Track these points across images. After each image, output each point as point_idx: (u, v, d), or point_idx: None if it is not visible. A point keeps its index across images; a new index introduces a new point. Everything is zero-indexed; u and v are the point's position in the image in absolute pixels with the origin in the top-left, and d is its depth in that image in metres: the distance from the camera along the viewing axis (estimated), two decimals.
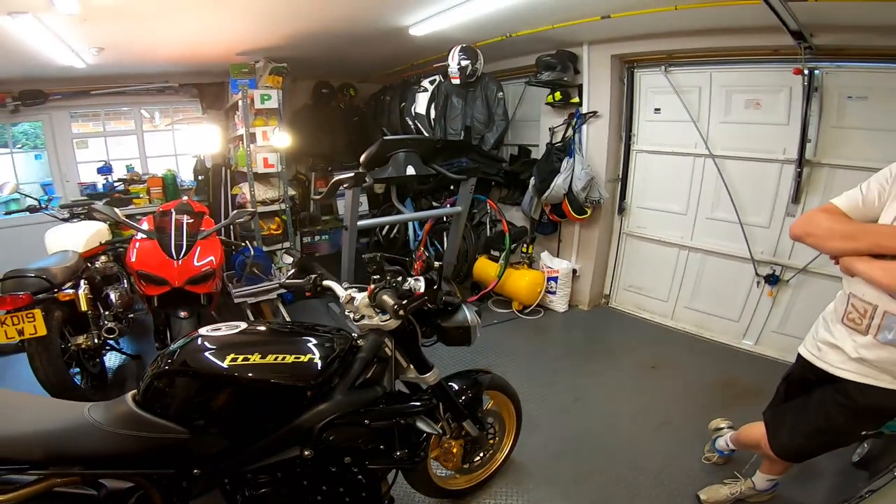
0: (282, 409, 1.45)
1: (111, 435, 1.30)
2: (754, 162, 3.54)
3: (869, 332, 1.32)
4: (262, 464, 1.45)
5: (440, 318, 1.80)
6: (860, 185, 1.43)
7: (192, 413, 1.37)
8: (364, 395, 1.57)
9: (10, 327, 2.47)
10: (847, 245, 1.35)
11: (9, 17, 2.69)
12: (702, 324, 3.99)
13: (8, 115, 4.63)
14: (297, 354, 1.45)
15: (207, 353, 1.41)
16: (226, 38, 3.79)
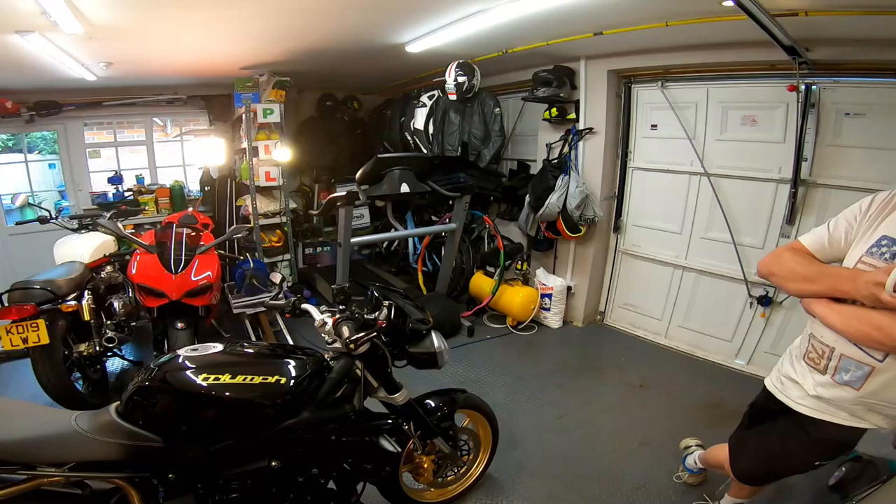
0: (250, 423, 1.56)
1: (94, 441, 1.44)
2: (749, 181, 3.49)
3: (827, 373, 1.34)
4: (233, 472, 1.56)
5: (408, 344, 1.89)
6: (829, 222, 1.42)
7: (167, 424, 1.50)
8: (332, 412, 1.68)
9: (16, 335, 2.64)
10: (806, 287, 1.36)
11: (17, 35, 2.81)
12: (695, 343, 3.93)
13: (23, 125, 4.80)
14: (266, 375, 1.57)
15: (183, 372, 1.56)
16: (230, 54, 3.89)
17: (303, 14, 2.91)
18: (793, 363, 1.50)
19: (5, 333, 2.64)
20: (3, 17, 2.50)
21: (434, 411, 2.09)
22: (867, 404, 1.30)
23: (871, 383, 1.26)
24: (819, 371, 1.37)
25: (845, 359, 1.29)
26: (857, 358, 1.27)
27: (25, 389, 3.07)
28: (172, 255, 3.14)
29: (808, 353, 1.42)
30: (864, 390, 1.27)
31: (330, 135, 5.77)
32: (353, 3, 2.75)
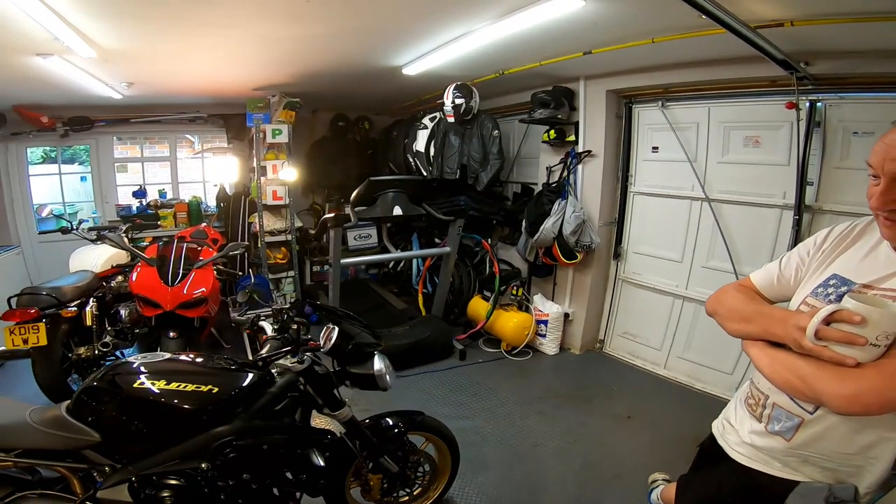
0: (180, 427, 1.66)
1: (40, 432, 1.57)
2: (752, 207, 3.32)
3: (762, 421, 1.25)
4: (165, 470, 1.64)
5: (350, 364, 1.96)
6: (781, 258, 1.32)
7: (105, 422, 1.61)
8: (267, 423, 1.76)
9: (18, 336, 2.88)
10: (742, 328, 1.26)
11: (39, 57, 3.06)
12: (694, 374, 3.70)
13: (58, 139, 5.19)
14: (199, 384, 1.68)
15: (124, 376, 1.69)
16: (239, 76, 4.08)
17: (292, 41, 3.03)
18: (735, 407, 1.41)
19: (9, 334, 2.87)
20: (22, 41, 2.71)
21: (386, 431, 2.12)
22: (800, 456, 1.17)
23: (801, 435, 1.15)
24: (756, 418, 1.27)
25: (777, 408, 1.19)
26: (788, 408, 1.17)
27: (29, 387, 3.19)
28: (171, 268, 3.28)
29: (748, 398, 1.32)
30: (794, 441, 1.16)
31: (341, 155, 5.92)
32: (341, 30, 2.83)
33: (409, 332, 4.11)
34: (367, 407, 3.15)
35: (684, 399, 3.52)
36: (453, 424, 2.96)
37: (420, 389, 3.63)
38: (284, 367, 1.79)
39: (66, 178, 5.67)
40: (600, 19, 2.53)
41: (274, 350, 1.79)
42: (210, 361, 1.92)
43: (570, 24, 2.57)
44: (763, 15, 2.24)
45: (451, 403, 3.41)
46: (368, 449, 2.02)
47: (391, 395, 3.41)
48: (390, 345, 3.89)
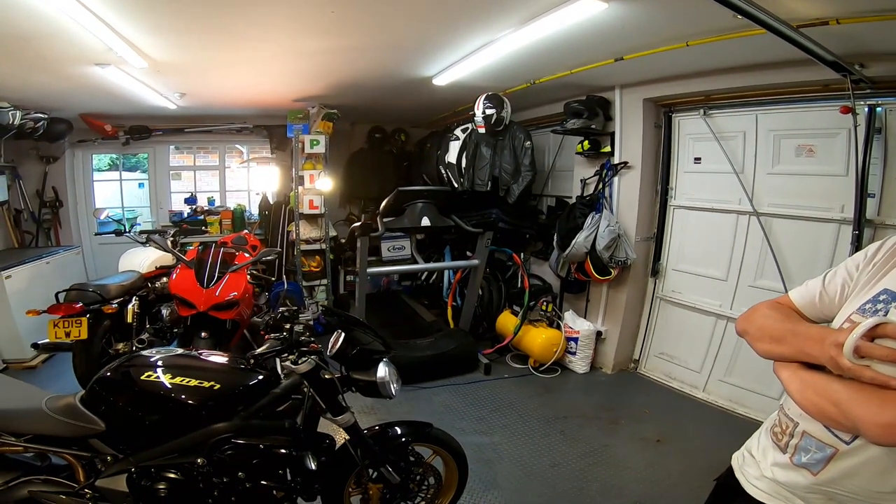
0: (181, 420, 1.69)
1: (51, 419, 1.64)
2: (805, 221, 3.05)
3: (787, 451, 1.09)
4: (162, 462, 1.68)
5: (355, 370, 1.93)
6: (825, 274, 1.15)
7: (113, 412, 1.66)
8: (267, 423, 1.78)
9: (61, 329, 3.06)
10: (774, 349, 1.11)
11: (98, 67, 3.31)
12: (736, 399, 3.42)
13: (120, 147, 5.60)
14: (202, 380, 1.71)
15: (137, 368, 1.74)
16: (281, 87, 4.25)
17: (323, 54, 3.12)
18: (759, 436, 1.24)
19: (52, 326, 3.04)
20: (81, 51, 2.94)
21: (391, 440, 2.07)
22: (826, 493, 1.02)
23: (831, 469, 1.00)
24: (780, 448, 1.12)
25: (807, 437, 1.04)
26: (820, 437, 1.01)
27: (72, 378, 3.37)
28: (207, 271, 3.39)
29: (775, 426, 1.17)
30: (821, 476, 1.01)
31: (377, 166, 6.02)
32: (367, 43, 2.90)
33: (434, 344, 4.05)
34: (384, 416, 3.12)
35: (723, 424, 3.26)
36: (469, 439, 2.91)
37: (441, 402, 3.55)
38: (289, 369, 1.80)
39: (125, 184, 6.09)
40: (627, 23, 2.44)
41: (271, 348, 1.79)
42: (220, 359, 1.95)
43: (595, 29, 2.50)
44: (804, 13, 2.08)
45: (471, 418, 3.31)
46: (370, 457, 1.97)
47: (409, 405, 3.44)
48: (414, 356, 3.88)
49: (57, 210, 5.44)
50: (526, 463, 2.80)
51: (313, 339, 1.88)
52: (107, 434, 1.66)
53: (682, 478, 2.66)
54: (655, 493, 2.54)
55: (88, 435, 1.66)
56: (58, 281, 3.96)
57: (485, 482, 2.57)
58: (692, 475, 2.64)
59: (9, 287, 3.85)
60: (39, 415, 1.64)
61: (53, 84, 3.65)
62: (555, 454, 2.89)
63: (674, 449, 2.96)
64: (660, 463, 2.82)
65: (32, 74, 3.36)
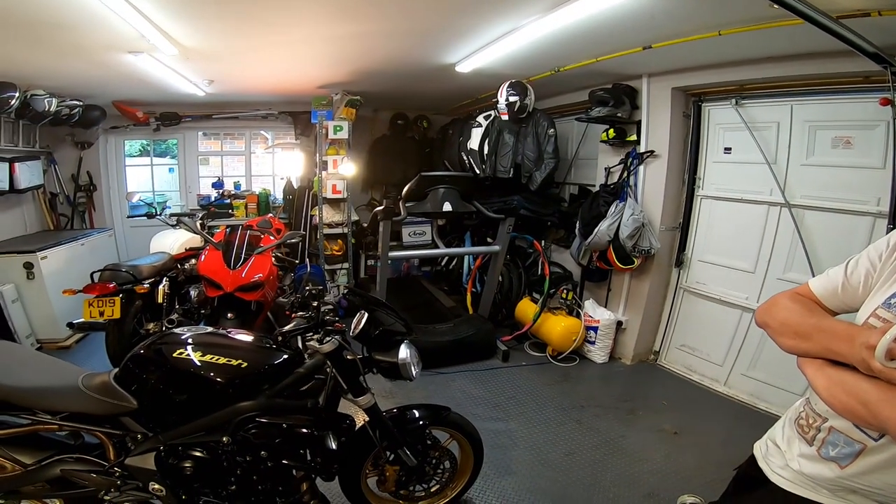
0: (209, 398, 1.71)
1: (86, 397, 1.67)
2: (839, 214, 2.96)
3: (813, 444, 1.10)
4: (189, 440, 1.71)
5: (377, 351, 1.95)
6: (847, 262, 1.13)
7: (144, 389, 1.70)
8: (290, 402, 1.79)
9: (95, 308, 3.18)
10: (799, 345, 1.10)
11: (131, 55, 3.39)
12: (758, 393, 3.37)
13: (151, 133, 5.75)
14: (230, 358, 1.73)
15: (164, 347, 1.76)
16: (306, 73, 4.27)
17: (348, 39, 3.12)
18: (784, 426, 1.24)
19: (87, 306, 3.16)
20: (116, 39, 3.00)
21: (409, 423, 2.10)
22: (849, 486, 1.03)
23: (858, 464, 1.00)
24: (806, 441, 1.12)
25: (835, 432, 1.05)
26: (848, 433, 1.02)
27: (102, 358, 3.48)
28: (234, 252, 3.47)
29: (800, 418, 1.16)
30: (848, 470, 1.02)
31: (400, 153, 6.03)
32: (392, 27, 2.88)
33: (453, 330, 4.09)
34: (402, 400, 3.19)
35: (743, 418, 3.23)
36: (485, 425, 2.95)
37: (458, 388, 3.60)
38: (314, 348, 1.82)
39: (156, 169, 6.25)
40: (657, 12, 2.37)
41: (298, 326, 1.80)
42: (247, 338, 1.97)
43: (623, 17, 2.44)
44: (845, 4, 1.99)
45: (487, 404, 3.34)
46: (388, 439, 2.00)
47: (427, 390, 3.50)
48: (432, 341, 3.92)
49: (91, 194, 5.64)
50: (541, 450, 2.82)
51: (338, 318, 1.89)
52: (138, 412, 1.68)
53: (698, 470, 2.65)
54: (669, 484, 2.54)
55: (121, 413, 1.68)
56: (91, 262, 4.09)
57: (499, 468, 2.61)
58: (708, 468, 2.63)
59: (45, 268, 4.01)
60: (76, 392, 1.67)
61: (88, 71, 3.74)
62: (570, 443, 2.90)
63: (691, 442, 2.95)
64: (676, 455, 2.81)
65: (69, 62, 3.45)
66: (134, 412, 1.68)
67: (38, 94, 4.12)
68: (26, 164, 4.64)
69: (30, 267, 3.96)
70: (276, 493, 1.83)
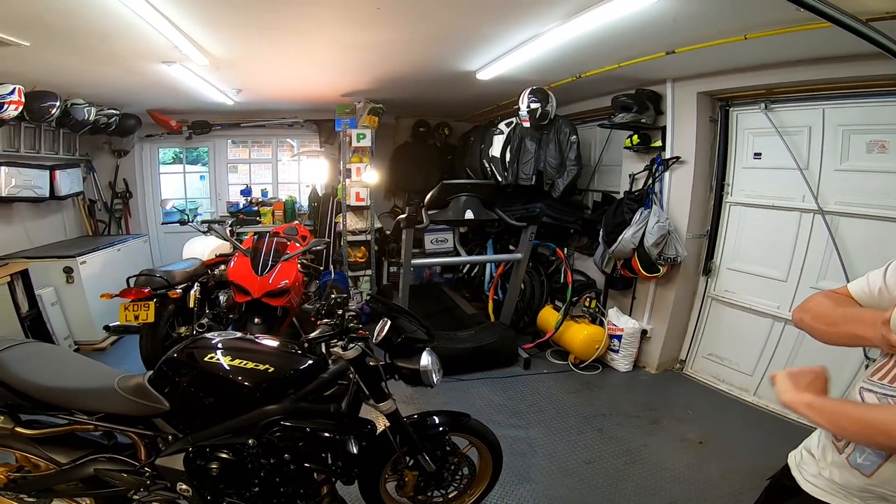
0: (237, 401, 1.76)
1: (122, 398, 1.73)
2: (875, 221, 2.85)
3: (843, 452, 1.10)
4: (216, 442, 1.76)
5: (399, 358, 1.97)
6: (887, 266, 1.12)
7: (177, 392, 1.75)
8: (313, 407, 1.82)
9: (130, 312, 3.29)
10: (829, 330, 1.14)
11: (164, 65, 3.54)
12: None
13: (183, 141, 5.96)
14: (258, 363, 1.78)
15: (196, 351, 1.82)
16: (330, 81, 4.36)
17: (370, 47, 3.18)
18: (820, 435, 1.23)
19: (123, 310, 3.28)
20: (150, 49, 3.13)
21: (429, 429, 2.11)
22: (878, 493, 1.02)
23: (885, 470, 1.01)
24: (838, 449, 1.12)
25: None
26: None
27: (136, 361, 3.60)
28: (262, 259, 3.56)
29: None
30: (875, 477, 1.02)
31: (421, 160, 6.08)
32: (413, 35, 2.93)
33: (474, 337, 4.08)
34: (423, 405, 3.19)
35: (772, 428, 3.12)
36: (505, 432, 2.93)
37: (478, 394, 3.58)
38: (338, 354, 1.85)
39: (188, 176, 6.47)
40: (679, 16, 2.34)
41: (324, 333, 1.83)
42: (274, 343, 2.03)
43: (645, 22, 2.42)
44: (873, 7, 1.93)
45: (507, 411, 3.32)
46: (408, 445, 2.02)
47: (447, 396, 3.50)
48: (453, 348, 3.92)
49: (127, 200, 5.88)
50: (560, 459, 2.79)
51: (361, 325, 1.92)
52: (170, 414, 1.73)
53: (723, 481, 2.59)
54: (693, 495, 2.49)
55: (154, 414, 1.73)
56: (127, 267, 4.25)
57: (518, 475, 2.60)
58: (733, 478, 2.56)
59: (84, 272, 4.17)
60: (112, 394, 1.73)
61: (124, 80, 3.90)
62: (590, 451, 2.86)
63: (716, 451, 2.87)
64: (700, 465, 2.75)
65: (105, 71, 3.59)
66: (165, 414, 1.74)
67: (77, 103, 4.32)
68: (66, 171, 4.87)
69: (69, 271, 4.12)
70: (298, 495, 1.86)
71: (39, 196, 4.49)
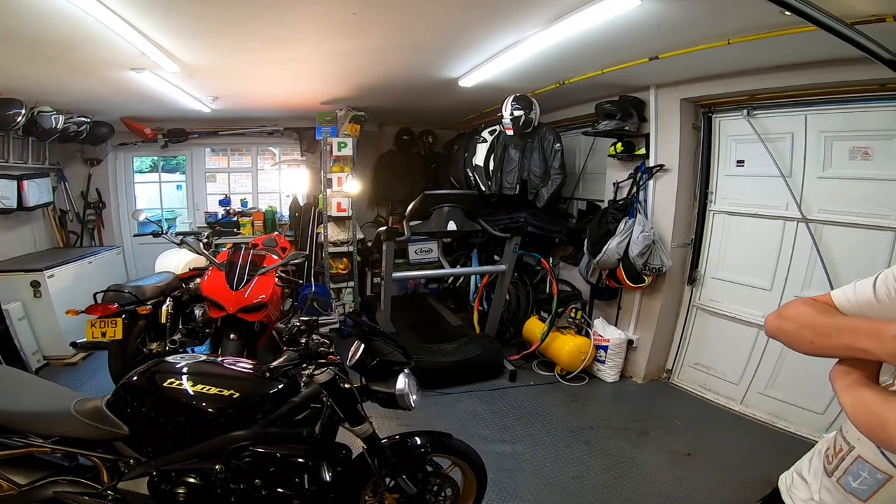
0: (201, 427, 1.72)
1: (79, 422, 1.69)
2: (859, 229, 2.84)
3: (834, 475, 1.04)
4: (182, 467, 1.70)
5: (374, 381, 1.92)
6: (876, 276, 1.02)
7: (136, 416, 1.70)
8: (284, 432, 1.78)
9: (97, 329, 3.16)
10: (818, 343, 1.01)
11: (133, 72, 3.41)
12: (777, 413, 3.24)
13: (159, 150, 5.78)
14: (222, 388, 1.73)
15: (157, 375, 1.77)
16: (310, 89, 4.28)
17: (349, 55, 3.11)
18: (812, 458, 1.17)
19: (90, 326, 3.14)
20: (117, 56, 3.01)
21: (409, 450, 2.05)
22: None
23: (880, 496, 0.94)
24: (828, 472, 1.06)
25: (860, 461, 0.98)
26: (874, 462, 0.95)
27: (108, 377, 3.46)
28: (237, 273, 3.43)
29: (829, 448, 1.09)
30: (870, 503, 0.95)
31: (405, 168, 6.00)
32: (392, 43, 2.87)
33: (459, 350, 3.99)
34: (405, 422, 3.09)
35: (760, 438, 3.11)
36: (491, 447, 2.87)
37: (464, 409, 3.49)
38: (308, 379, 1.80)
39: (165, 186, 6.29)
40: (663, 21, 2.31)
41: (287, 361, 1.78)
42: (242, 367, 1.96)
43: (629, 27, 2.38)
44: (860, 10, 1.92)
45: (493, 426, 3.24)
46: (387, 467, 1.94)
47: (432, 411, 3.40)
48: (438, 361, 3.83)
49: (100, 211, 5.67)
50: (548, 474, 2.72)
51: (332, 350, 1.87)
52: (131, 437, 1.69)
53: (712, 494, 2.55)
54: None
55: (113, 438, 1.69)
56: (100, 280, 4.09)
57: (504, 492, 2.52)
58: (724, 491, 2.52)
59: (52, 286, 4.01)
60: (67, 417, 1.68)
61: (94, 88, 3.77)
62: (578, 465, 2.81)
63: (705, 463, 2.83)
64: (689, 478, 2.71)
65: (74, 79, 3.47)
66: (126, 437, 1.69)
67: (45, 111, 4.15)
68: (35, 181, 4.68)
69: (37, 285, 3.96)
70: None
71: (7, 207, 4.31)
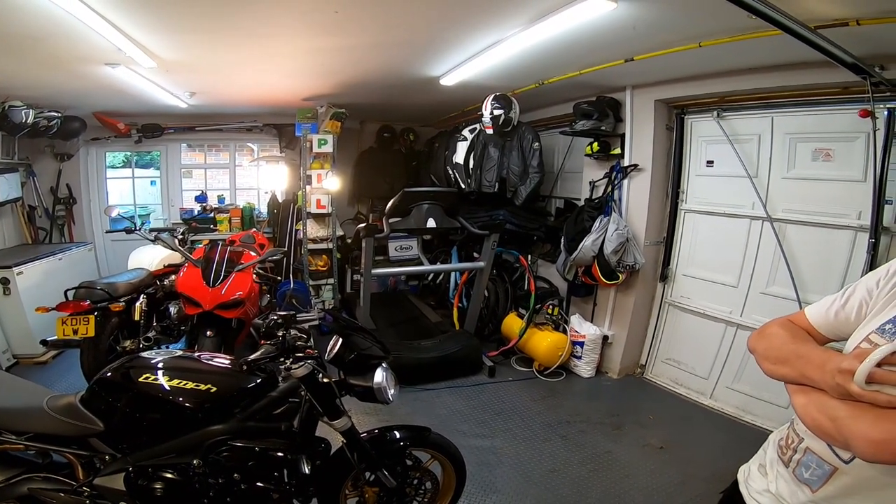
0: (178, 422, 1.71)
1: (52, 418, 1.67)
2: (820, 228, 2.97)
3: (789, 465, 1.09)
4: (159, 462, 1.70)
5: (353, 375, 1.92)
6: (846, 289, 1.12)
7: (111, 412, 1.69)
8: (263, 426, 1.78)
9: (69, 327, 3.08)
10: (776, 370, 1.10)
11: (108, 66, 3.34)
12: (744, 406, 3.36)
13: (133, 145, 5.66)
14: (199, 383, 1.74)
15: (136, 369, 1.77)
16: (290, 86, 4.25)
17: (330, 52, 3.11)
18: (767, 449, 1.23)
19: (61, 324, 3.07)
20: (91, 51, 2.96)
21: (388, 444, 2.07)
22: None
23: (829, 487, 0.99)
24: (784, 462, 1.11)
25: (809, 453, 1.04)
26: (821, 454, 1.01)
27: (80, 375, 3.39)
28: (213, 269, 3.39)
29: (782, 440, 1.16)
30: (820, 493, 1.01)
31: (386, 166, 6.01)
32: (373, 41, 2.88)
33: (438, 346, 4.03)
34: (386, 417, 3.11)
35: (729, 431, 3.21)
36: (470, 443, 2.92)
37: (443, 404, 3.53)
38: (287, 372, 1.80)
39: (139, 181, 6.15)
40: (639, 23, 2.38)
41: (265, 355, 1.78)
42: (219, 362, 1.95)
43: (606, 29, 2.45)
44: (824, 13, 2.01)
45: (472, 421, 3.29)
46: (366, 461, 1.96)
47: (412, 407, 3.43)
48: (418, 357, 3.86)
49: (71, 207, 5.52)
50: (526, 468, 2.77)
51: (310, 344, 1.87)
52: (106, 433, 1.68)
53: (684, 486, 2.63)
54: (656, 501, 2.51)
55: (88, 434, 1.68)
56: (71, 277, 3.99)
57: (483, 486, 2.57)
58: (694, 484, 2.61)
59: (20, 283, 3.90)
60: (40, 414, 1.66)
61: (67, 83, 3.70)
62: (556, 459, 2.86)
63: (677, 456, 2.92)
64: (661, 470, 2.79)
65: (46, 73, 3.39)
66: (101, 433, 1.68)
67: (15, 106, 4.04)
68: (4, 176, 4.55)
69: (6, 283, 3.86)
70: None
71: None
